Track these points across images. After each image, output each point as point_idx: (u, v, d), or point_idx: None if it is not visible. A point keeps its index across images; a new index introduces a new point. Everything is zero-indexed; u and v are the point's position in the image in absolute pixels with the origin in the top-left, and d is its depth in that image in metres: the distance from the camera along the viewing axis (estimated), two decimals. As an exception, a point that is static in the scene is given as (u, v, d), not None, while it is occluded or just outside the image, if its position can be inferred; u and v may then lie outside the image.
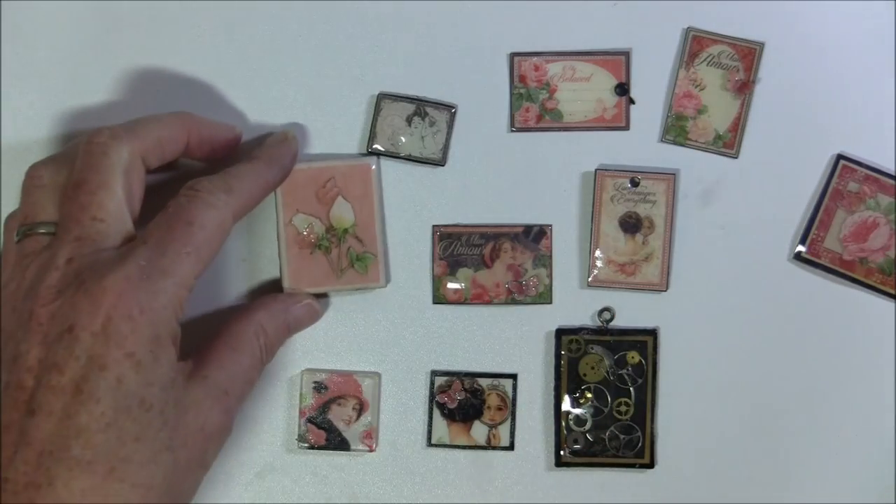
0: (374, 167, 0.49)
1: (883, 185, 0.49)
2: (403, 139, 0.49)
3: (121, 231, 0.38)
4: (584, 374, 0.49)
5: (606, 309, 0.49)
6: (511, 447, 0.49)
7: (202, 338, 0.42)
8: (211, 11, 0.50)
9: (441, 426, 0.49)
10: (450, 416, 0.49)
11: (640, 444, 0.48)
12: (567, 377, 0.49)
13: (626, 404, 0.49)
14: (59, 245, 0.37)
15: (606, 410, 0.49)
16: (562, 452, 0.48)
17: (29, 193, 0.40)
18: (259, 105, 0.49)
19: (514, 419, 0.49)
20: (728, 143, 0.50)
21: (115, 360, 0.34)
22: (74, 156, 0.40)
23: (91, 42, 0.50)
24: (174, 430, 0.36)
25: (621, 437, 0.48)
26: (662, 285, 0.49)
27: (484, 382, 0.49)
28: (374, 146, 0.49)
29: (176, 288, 0.36)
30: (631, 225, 0.49)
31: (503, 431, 0.49)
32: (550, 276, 0.49)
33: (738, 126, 0.49)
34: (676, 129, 0.50)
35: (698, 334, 0.50)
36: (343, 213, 0.48)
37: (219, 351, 0.40)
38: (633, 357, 0.49)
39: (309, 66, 0.50)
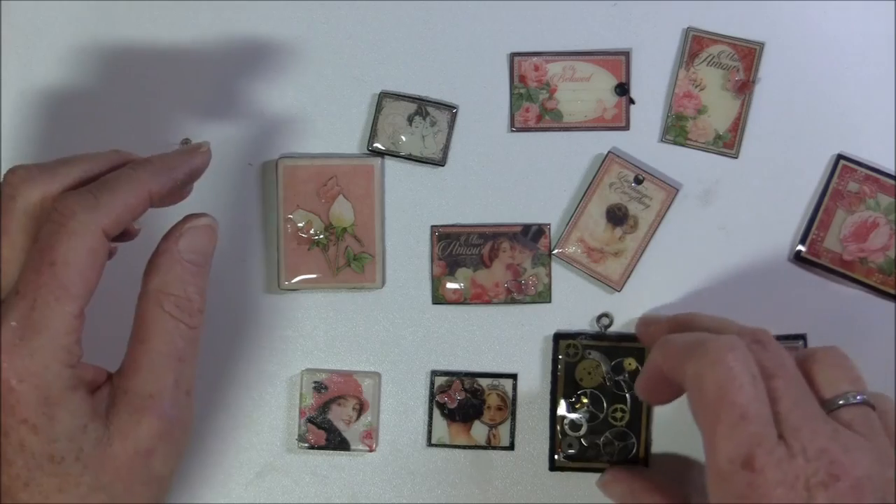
0: (376, 168, 0.49)
1: (883, 185, 0.49)
2: (404, 138, 0.49)
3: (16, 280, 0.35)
4: (581, 379, 0.49)
5: (605, 315, 0.49)
6: (511, 447, 0.49)
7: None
8: (211, 11, 0.50)
9: (441, 426, 0.49)
10: (450, 416, 0.49)
11: (634, 451, 0.48)
12: (564, 381, 0.48)
13: (622, 410, 0.48)
14: None
15: (602, 416, 0.48)
16: (556, 456, 0.48)
17: None
18: (259, 105, 0.50)
19: (514, 419, 0.49)
20: (728, 143, 0.50)
21: (12, 427, 0.34)
22: None
23: (91, 42, 0.50)
24: (100, 469, 0.35)
25: (616, 443, 0.48)
26: (618, 285, 0.49)
27: (484, 382, 0.49)
28: (375, 145, 0.49)
29: (56, 340, 0.34)
30: (617, 217, 0.49)
31: (503, 431, 0.49)
32: (549, 275, 0.49)
33: (738, 126, 0.49)
34: (676, 129, 0.50)
35: (698, 334, 0.50)
36: (343, 211, 0.48)
37: (131, 352, 0.37)
38: (630, 364, 0.48)
39: (309, 66, 0.50)
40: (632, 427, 0.48)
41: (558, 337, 0.49)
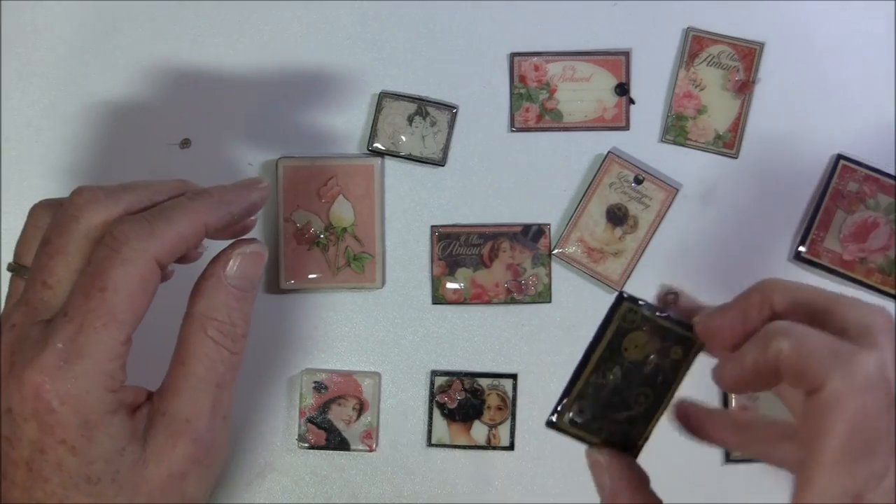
0: (376, 168, 0.49)
1: (883, 185, 0.49)
2: (404, 138, 0.49)
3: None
4: (626, 349, 0.45)
5: (672, 291, 0.46)
6: (511, 447, 0.49)
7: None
8: (211, 12, 0.50)
9: (441, 426, 0.49)
10: (450, 416, 0.49)
11: (633, 440, 0.45)
12: (607, 344, 0.44)
13: (646, 396, 0.45)
14: (18, 304, 0.36)
15: (626, 393, 0.44)
16: (561, 415, 0.44)
17: (25, 232, 0.39)
18: (260, 104, 0.50)
19: (514, 419, 0.49)
20: (728, 143, 0.50)
21: (51, 446, 0.34)
22: None
23: (91, 42, 0.50)
24: (134, 491, 0.35)
25: (624, 426, 0.45)
26: (618, 285, 0.49)
27: (484, 382, 0.49)
28: (375, 145, 0.49)
29: (100, 365, 0.34)
30: (617, 217, 0.49)
31: (503, 431, 0.49)
32: (549, 275, 0.49)
33: (738, 126, 0.49)
34: (676, 129, 0.50)
35: (698, 334, 0.49)
36: (343, 212, 0.48)
37: (172, 374, 0.37)
38: (677, 352, 0.44)
39: (309, 66, 0.50)
40: (645, 416, 0.45)
41: (622, 298, 0.45)
